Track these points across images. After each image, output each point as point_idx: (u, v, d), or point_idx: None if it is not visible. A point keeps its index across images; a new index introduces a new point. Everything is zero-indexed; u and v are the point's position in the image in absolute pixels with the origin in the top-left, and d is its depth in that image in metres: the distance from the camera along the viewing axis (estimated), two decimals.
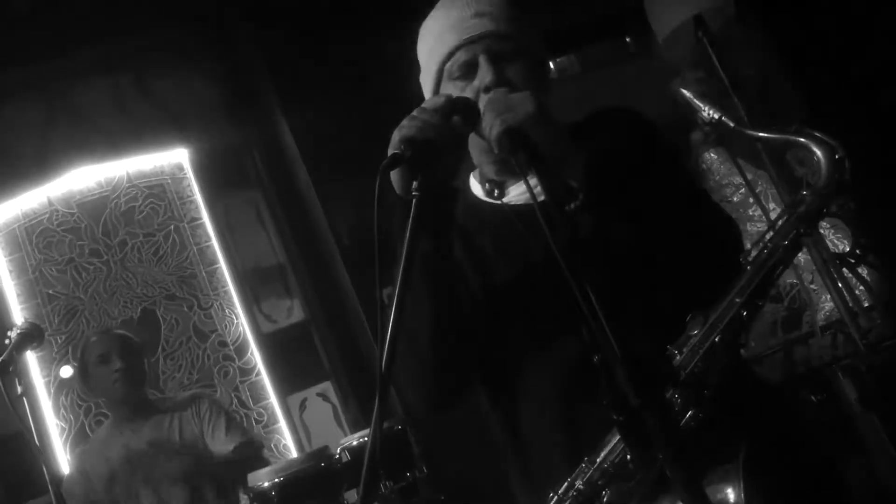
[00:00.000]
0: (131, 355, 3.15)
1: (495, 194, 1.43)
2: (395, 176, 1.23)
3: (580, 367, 1.15)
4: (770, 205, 3.96)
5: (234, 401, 3.80)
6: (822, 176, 1.21)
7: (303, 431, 3.93)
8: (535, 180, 1.13)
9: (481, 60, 1.35)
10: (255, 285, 4.10)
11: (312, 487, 2.69)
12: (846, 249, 3.91)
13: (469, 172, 1.51)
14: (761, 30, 4.29)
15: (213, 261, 3.99)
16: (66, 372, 3.65)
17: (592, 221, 1.24)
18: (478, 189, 1.48)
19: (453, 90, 1.36)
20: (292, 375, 3.97)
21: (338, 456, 2.81)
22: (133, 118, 4.11)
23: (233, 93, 4.27)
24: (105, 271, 3.87)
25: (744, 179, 3.97)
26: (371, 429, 1.03)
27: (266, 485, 2.66)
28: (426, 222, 1.17)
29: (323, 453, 2.83)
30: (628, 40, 4.51)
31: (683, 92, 1.41)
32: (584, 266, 1.00)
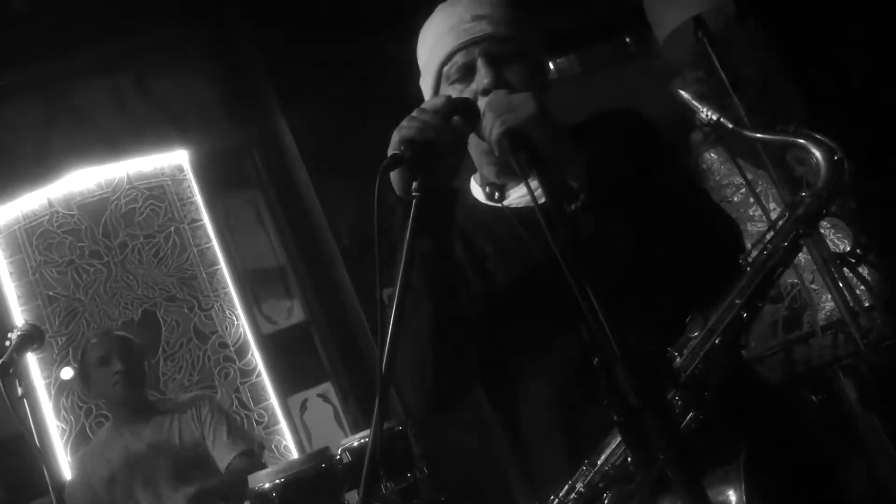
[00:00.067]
0: (132, 357, 3.15)
1: (496, 197, 1.42)
2: (395, 176, 1.23)
3: (580, 369, 1.15)
4: (770, 205, 3.96)
5: (235, 402, 3.80)
6: (822, 177, 1.22)
7: (303, 432, 3.92)
8: (535, 182, 1.12)
9: (479, 63, 1.34)
10: (255, 286, 4.10)
11: (313, 488, 2.68)
12: (846, 249, 3.91)
13: (470, 175, 1.50)
14: (761, 30, 4.29)
15: (214, 262, 3.99)
16: (66, 374, 3.65)
17: (593, 222, 1.24)
18: (478, 192, 1.48)
19: (452, 93, 1.35)
20: (293, 376, 3.97)
21: (338, 457, 2.81)
22: (133, 118, 4.10)
23: (233, 93, 4.27)
24: (105, 273, 3.87)
25: (744, 179, 3.97)
26: (371, 429, 1.03)
27: (267, 486, 2.66)
28: (426, 223, 1.17)
29: (324, 454, 2.83)
30: (628, 40, 4.50)
31: (682, 93, 1.41)
32: (584, 267, 1.00)
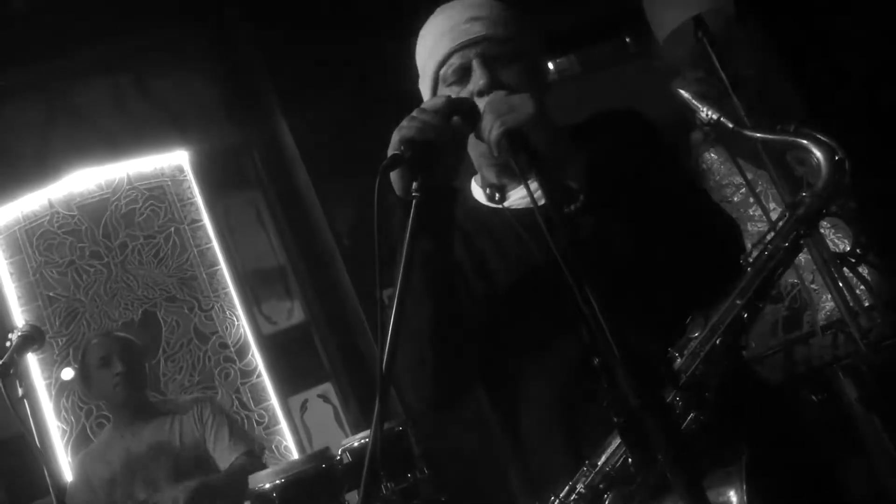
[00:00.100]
0: (132, 358, 3.15)
1: (496, 198, 1.42)
2: (395, 176, 1.22)
3: (581, 369, 1.15)
4: (770, 205, 3.96)
5: (235, 402, 3.80)
6: (822, 177, 1.21)
7: (304, 433, 3.93)
8: (535, 182, 1.12)
9: (474, 65, 1.34)
10: (255, 287, 4.10)
11: (314, 489, 2.69)
12: (846, 249, 3.90)
13: (470, 176, 1.50)
14: (761, 30, 4.29)
15: (214, 262, 3.99)
16: (67, 374, 3.65)
17: (593, 223, 1.24)
18: (479, 193, 1.47)
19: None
20: (293, 377, 3.97)
21: (339, 457, 2.81)
22: (133, 118, 4.10)
23: (233, 93, 4.27)
24: (106, 273, 3.87)
25: (744, 179, 3.96)
26: (372, 430, 1.02)
27: (267, 486, 2.66)
28: (426, 223, 1.17)
29: (324, 455, 2.83)
30: (628, 40, 4.50)
31: (682, 93, 1.41)
32: (584, 268, 1.00)
